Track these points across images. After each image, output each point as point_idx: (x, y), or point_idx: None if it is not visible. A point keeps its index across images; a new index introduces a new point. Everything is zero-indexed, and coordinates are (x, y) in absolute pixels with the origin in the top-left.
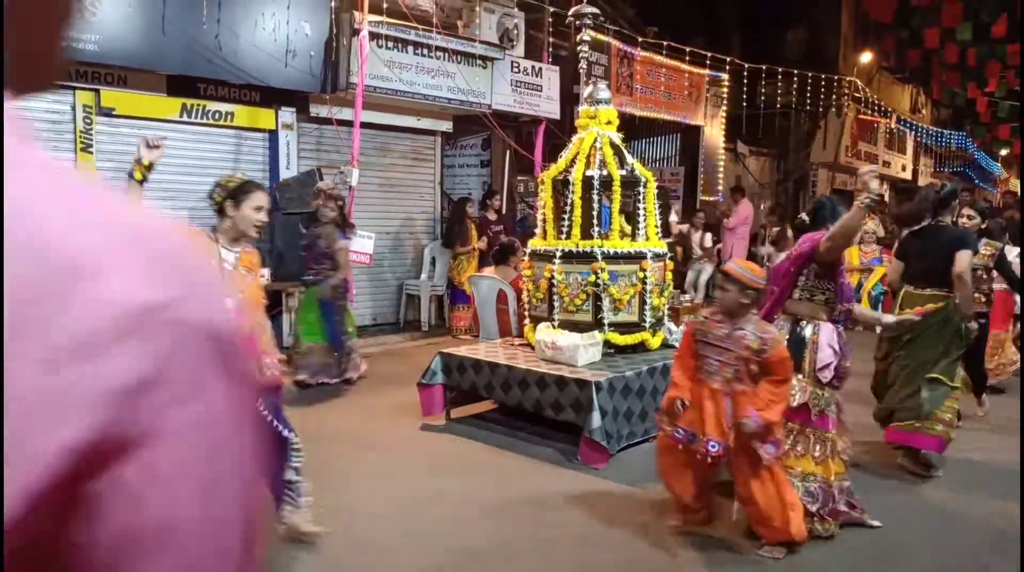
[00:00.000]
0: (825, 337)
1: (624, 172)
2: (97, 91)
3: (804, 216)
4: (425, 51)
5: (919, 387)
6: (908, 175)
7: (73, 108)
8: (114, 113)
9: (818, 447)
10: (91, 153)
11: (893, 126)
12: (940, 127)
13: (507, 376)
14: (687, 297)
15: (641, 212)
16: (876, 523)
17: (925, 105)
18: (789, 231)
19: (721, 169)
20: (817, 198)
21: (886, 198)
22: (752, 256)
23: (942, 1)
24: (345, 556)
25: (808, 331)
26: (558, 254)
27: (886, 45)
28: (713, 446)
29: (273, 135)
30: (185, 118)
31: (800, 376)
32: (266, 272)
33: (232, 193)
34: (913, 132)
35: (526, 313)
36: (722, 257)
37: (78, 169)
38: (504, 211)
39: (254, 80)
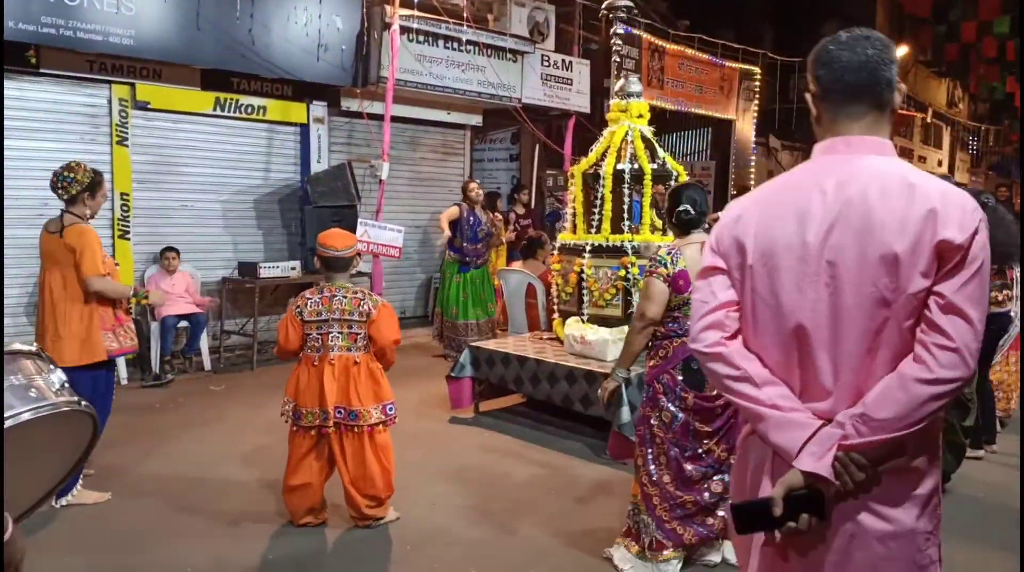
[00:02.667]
0: None
1: (655, 166)
2: (133, 85)
3: None
4: (455, 45)
5: None
6: (944, 170)
7: (109, 102)
8: (149, 107)
9: None
10: (127, 146)
11: (929, 120)
12: (978, 122)
13: (536, 370)
14: None
15: None
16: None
17: (962, 99)
18: None
19: (753, 163)
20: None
21: None
22: None
23: None
24: (367, 549)
25: None
26: (588, 248)
27: (922, 39)
28: None
29: (304, 129)
30: (218, 112)
31: None
32: (297, 265)
33: (89, 185)
34: (950, 127)
35: (555, 307)
36: None
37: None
38: (532, 205)
39: (286, 74)
